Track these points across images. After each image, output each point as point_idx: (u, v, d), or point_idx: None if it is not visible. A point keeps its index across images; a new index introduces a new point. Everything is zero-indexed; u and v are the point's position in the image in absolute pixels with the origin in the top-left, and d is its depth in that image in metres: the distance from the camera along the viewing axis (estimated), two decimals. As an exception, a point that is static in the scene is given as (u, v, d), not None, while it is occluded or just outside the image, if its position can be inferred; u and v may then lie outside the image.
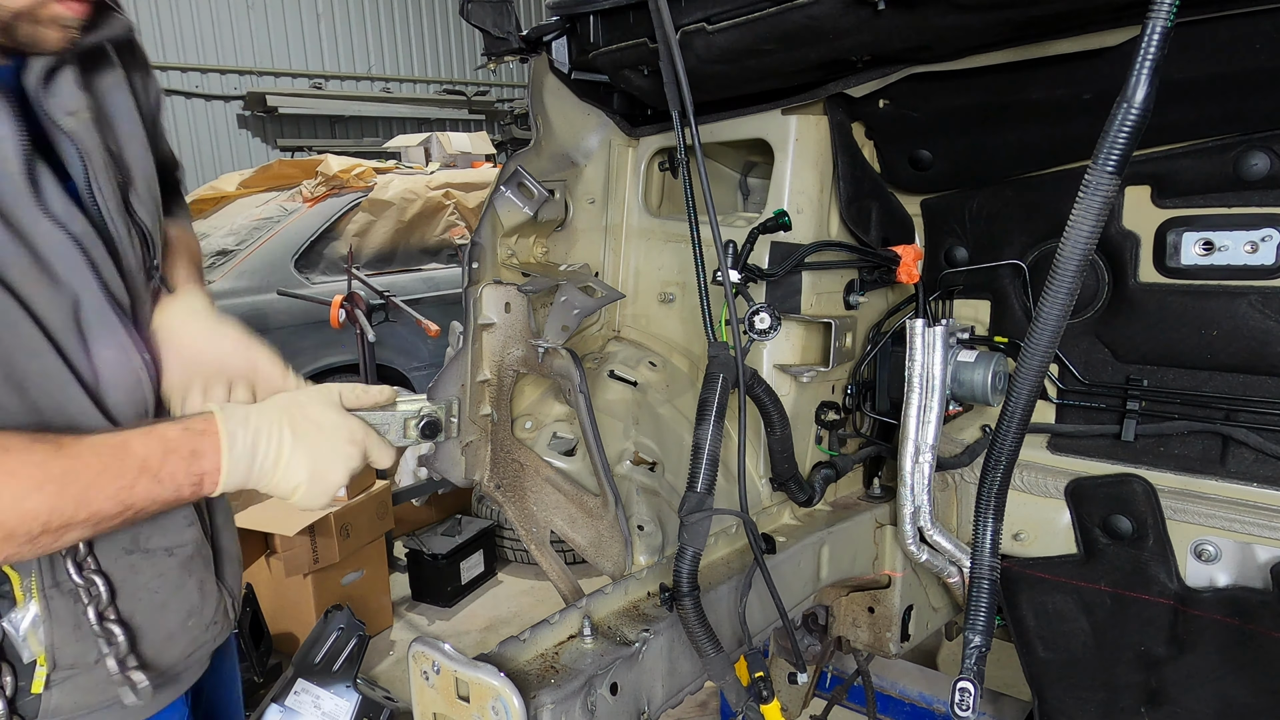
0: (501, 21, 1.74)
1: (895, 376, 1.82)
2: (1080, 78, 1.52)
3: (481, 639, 4.22)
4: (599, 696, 1.24)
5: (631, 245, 2.01)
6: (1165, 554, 1.64)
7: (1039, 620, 1.82)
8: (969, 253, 1.88)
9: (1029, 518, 1.80)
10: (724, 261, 1.44)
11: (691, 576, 1.35)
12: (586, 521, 1.64)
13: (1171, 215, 1.59)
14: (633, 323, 2.03)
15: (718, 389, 1.39)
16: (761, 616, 1.57)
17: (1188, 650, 1.65)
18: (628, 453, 1.71)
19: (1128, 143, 0.97)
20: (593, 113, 1.93)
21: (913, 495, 1.72)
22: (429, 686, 1.20)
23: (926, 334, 1.65)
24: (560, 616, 1.33)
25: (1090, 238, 1.02)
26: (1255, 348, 1.52)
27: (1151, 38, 0.93)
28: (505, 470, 1.79)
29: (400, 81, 13.58)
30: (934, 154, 1.83)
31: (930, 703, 2.29)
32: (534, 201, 1.79)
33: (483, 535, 4.70)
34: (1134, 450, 1.67)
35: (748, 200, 2.16)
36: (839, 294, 1.84)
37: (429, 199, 5.91)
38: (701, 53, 1.51)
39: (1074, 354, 1.73)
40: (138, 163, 1.21)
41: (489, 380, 1.77)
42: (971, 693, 1.27)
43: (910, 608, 1.96)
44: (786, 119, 1.75)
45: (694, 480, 1.37)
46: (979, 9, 1.32)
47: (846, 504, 1.96)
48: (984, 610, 1.31)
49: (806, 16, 1.37)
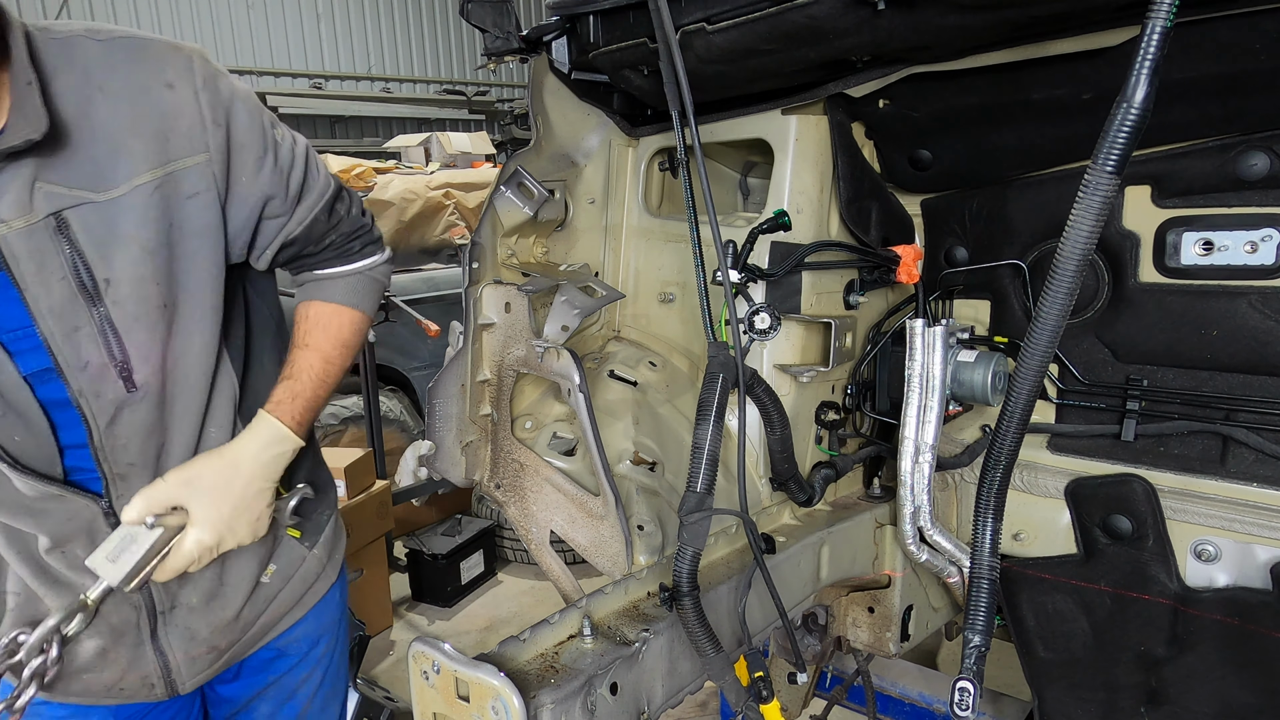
0: (501, 21, 1.74)
1: (895, 376, 1.82)
2: (1080, 78, 1.52)
3: (481, 639, 4.22)
4: (599, 696, 1.24)
5: (631, 245, 2.01)
6: (1165, 554, 1.64)
7: (1039, 620, 1.82)
8: (969, 253, 1.88)
9: (1029, 518, 1.80)
10: (724, 261, 1.44)
11: (691, 576, 1.35)
12: (586, 521, 1.64)
13: (1171, 215, 1.59)
14: (633, 323, 2.03)
15: (717, 389, 1.39)
16: (761, 616, 1.57)
17: (1188, 650, 1.65)
18: (628, 453, 1.71)
19: (1128, 143, 0.97)
20: (593, 113, 1.93)
21: (913, 495, 1.72)
22: (429, 686, 1.20)
23: (926, 334, 1.65)
24: (560, 616, 1.33)
25: (1090, 238, 1.03)
26: (1255, 348, 1.52)
27: (1151, 38, 0.93)
28: (505, 470, 1.79)
29: (400, 81, 13.58)
30: (934, 154, 1.83)
31: (930, 703, 2.29)
32: (534, 201, 1.79)
33: (483, 535, 4.70)
34: (1134, 450, 1.67)
35: (748, 200, 2.16)
36: (839, 294, 1.84)
37: (429, 199, 5.91)
38: (701, 53, 1.51)
39: (1074, 354, 1.73)
40: (130, 267, 1.22)
41: (489, 380, 1.77)
42: (971, 692, 1.27)
43: (910, 608, 1.96)
44: (786, 119, 1.75)
45: (694, 480, 1.37)
46: (979, 9, 1.32)
47: (846, 504, 1.96)
48: (984, 610, 1.31)
49: (806, 16, 1.37)
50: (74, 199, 1.18)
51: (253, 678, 1.61)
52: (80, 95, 1.18)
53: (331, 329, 1.50)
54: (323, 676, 1.70)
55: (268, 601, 1.54)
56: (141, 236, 1.22)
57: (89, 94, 1.19)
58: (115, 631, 1.39)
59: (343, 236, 1.50)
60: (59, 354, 1.21)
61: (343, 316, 1.52)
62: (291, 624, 1.60)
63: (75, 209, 1.18)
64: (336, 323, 1.51)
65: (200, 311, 1.32)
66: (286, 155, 1.38)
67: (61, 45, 1.19)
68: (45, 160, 1.16)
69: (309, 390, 1.44)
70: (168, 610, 1.42)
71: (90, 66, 1.20)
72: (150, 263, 1.24)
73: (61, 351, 1.21)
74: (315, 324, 1.50)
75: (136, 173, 1.21)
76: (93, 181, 1.19)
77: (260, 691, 1.63)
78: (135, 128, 1.21)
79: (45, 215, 1.16)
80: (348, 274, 1.53)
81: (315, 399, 1.45)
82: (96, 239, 1.20)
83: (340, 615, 1.73)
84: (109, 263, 1.21)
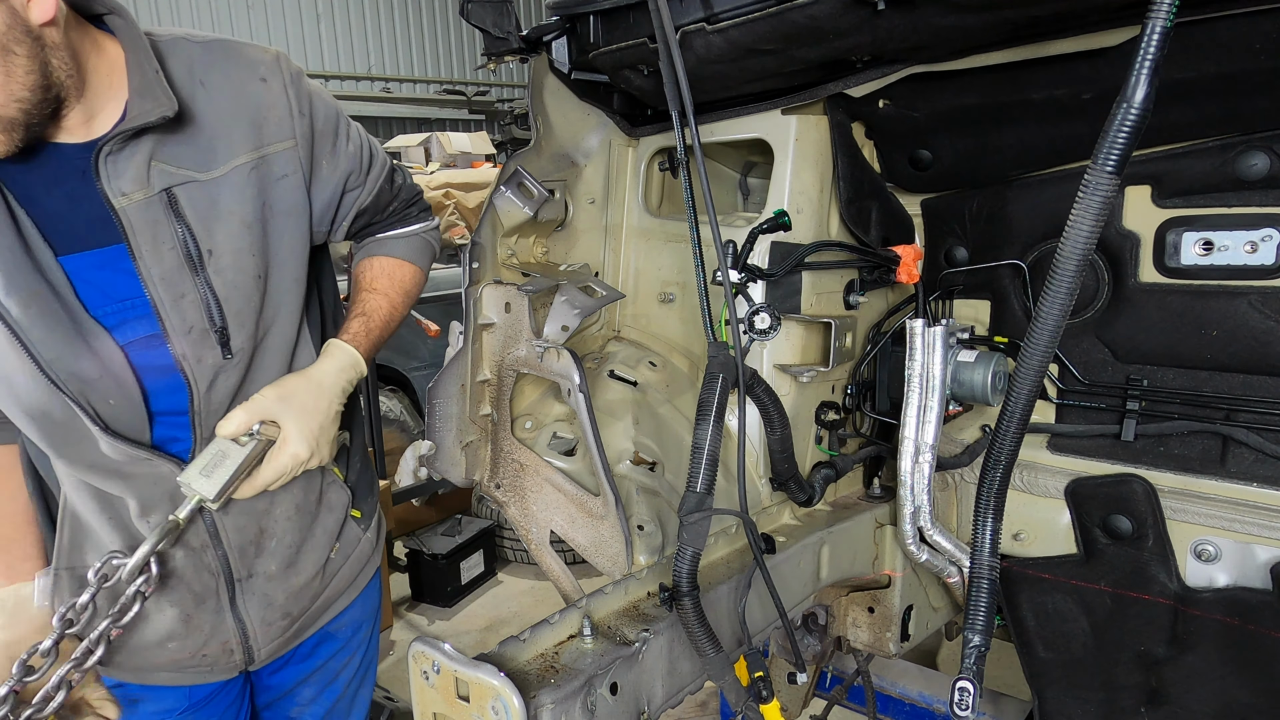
0: (501, 21, 1.74)
1: (895, 376, 1.83)
2: (1080, 78, 1.52)
3: (481, 639, 4.22)
4: (599, 696, 1.24)
5: (631, 245, 2.02)
6: (1165, 554, 1.64)
7: (1039, 620, 1.82)
8: (969, 253, 1.88)
9: (1029, 518, 1.80)
10: (724, 261, 1.44)
11: (691, 576, 1.35)
12: (586, 521, 1.64)
13: (1171, 215, 1.59)
14: (633, 323, 2.03)
15: (717, 389, 1.39)
16: (761, 616, 1.57)
17: (1188, 650, 1.65)
18: (628, 453, 1.71)
19: (1127, 143, 0.97)
20: (593, 113, 1.93)
21: (913, 495, 1.72)
22: (429, 686, 1.20)
23: (926, 334, 1.65)
24: (560, 616, 1.33)
25: (1090, 238, 1.03)
26: (1255, 348, 1.52)
27: (1151, 38, 0.93)
28: (505, 470, 1.79)
29: (400, 81, 13.59)
30: (934, 154, 1.83)
31: (930, 703, 2.29)
32: (534, 201, 1.79)
33: (483, 535, 4.70)
34: (1134, 450, 1.67)
35: (748, 200, 2.16)
36: (839, 294, 1.84)
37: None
38: (701, 53, 1.51)
39: (1074, 354, 1.73)
40: (229, 239, 1.35)
41: (489, 380, 1.77)
42: (971, 692, 1.27)
43: (910, 608, 1.96)
44: (786, 119, 1.75)
45: (694, 480, 1.37)
46: (979, 9, 1.32)
47: (846, 504, 1.96)
48: (983, 610, 1.31)
49: (806, 16, 1.37)
50: (183, 177, 1.31)
51: (300, 664, 1.69)
52: (185, 88, 1.32)
53: (397, 277, 1.67)
54: (361, 659, 1.79)
55: (332, 575, 1.64)
56: (240, 212, 1.35)
57: (192, 88, 1.33)
58: (198, 598, 1.46)
59: (402, 203, 1.69)
60: (166, 320, 1.31)
61: (405, 269, 1.69)
62: (344, 607, 1.70)
63: (183, 186, 1.31)
64: (400, 273, 1.68)
65: (288, 284, 1.45)
66: (356, 137, 1.56)
67: (166, 45, 1.34)
68: (160, 142, 1.29)
69: (377, 328, 1.59)
70: (244, 579, 1.49)
71: (192, 63, 1.35)
72: (247, 236, 1.36)
73: (169, 317, 1.31)
74: (382, 272, 1.66)
75: (235, 155, 1.35)
76: (198, 163, 1.32)
77: (306, 677, 1.70)
78: (234, 116, 1.36)
79: (159, 190, 1.29)
80: (408, 234, 1.71)
81: (380, 337, 1.61)
82: (201, 214, 1.32)
83: (379, 601, 1.83)
84: (211, 235, 1.33)
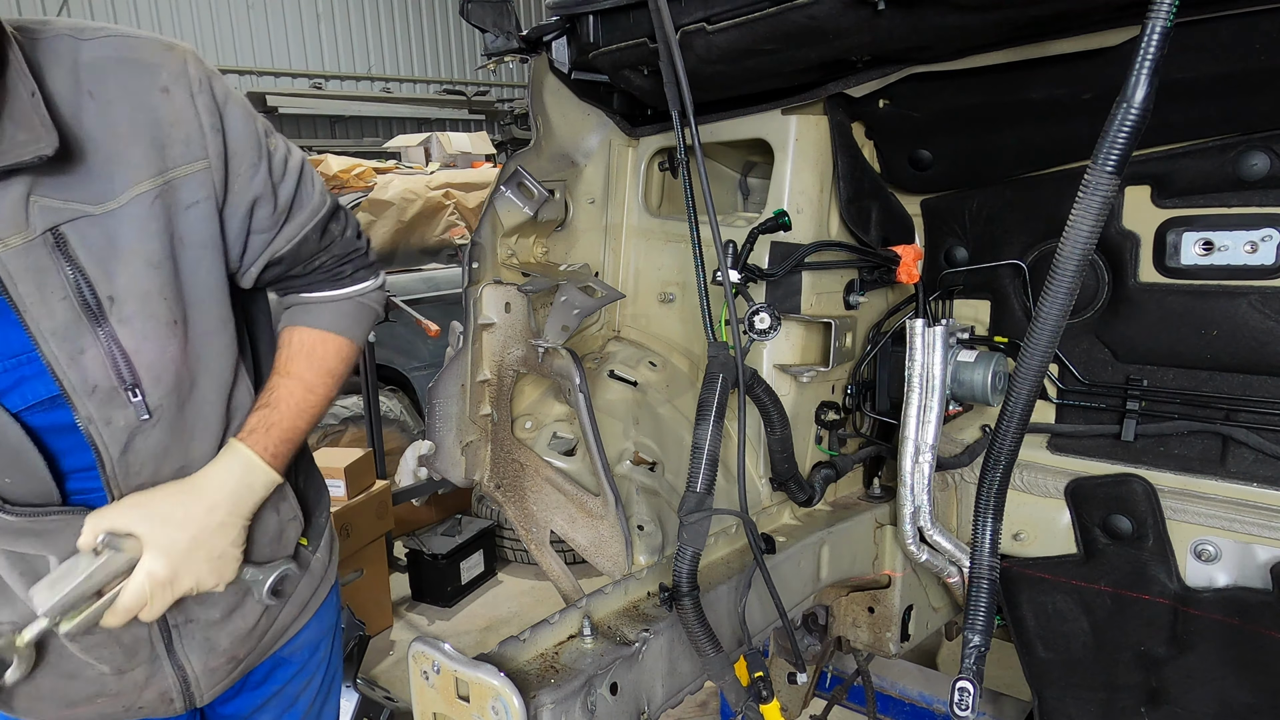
0: (501, 21, 1.74)
1: (895, 376, 1.83)
2: (1080, 78, 1.52)
3: (481, 639, 4.22)
4: (599, 696, 1.24)
5: (631, 245, 2.01)
6: (1165, 554, 1.64)
7: (1039, 620, 1.82)
8: (969, 253, 1.88)
9: (1029, 518, 1.80)
10: (724, 261, 1.44)
11: (691, 576, 1.35)
12: (586, 521, 1.64)
13: (1171, 215, 1.59)
14: (633, 323, 2.03)
15: (717, 389, 1.39)
16: (761, 616, 1.57)
17: (1188, 650, 1.65)
18: (628, 453, 1.71)
19: (1127, 143, 0.97)
20: (593, 113, 1.93)
21: (913, 495, 1.72)
22: (429, 686, 1.20)
23: (926, 334, 1.65)
24: (560, 616, 1.33)
25: (1090, 238, 1.02)
26: (1255, 348, 1.52)
27: (1151, 38, 0.93)
28: (505, 470, 1.79)
29: (400, 81, 13.58)
30: (934, 154, 1.83)
31: (930, 703, 2.29)
32: (534, 201, 1.79)
33: (483, 535, 4.70)
34: (1134, 450, 1.67)
35: (748, 200, 2.16)
36: (839, 294, 1.84)
37: (429, 199, 5.92)
38: (701, 53, 1.51)
39: (1074, 354, 1.73)
40: (134, 282, 1.15)
41: (489, 380, 1.77)
42: (971, 692, 1.27)
43: (910, 608, 1.96)
44: (786, 119, 1.75)
45: (694, 480, 1.37)
46: (979, 9, 1.32)
47: (846, 504, 1.96)
48: (983, 610, 1.31)
49: (806, 16, 1.37)
50: (71, 212, 1.10)
51: (254, 692, 1.57)
52: (69, 102, 1.10)
53: (316, 356, 1.41)
54: (322, 680, 1.68)
55: (281, 607, 1.50)
56: (144, 250, 1.15)
57: (78, 100, 1.11)
58: (128, 651, 1.32)
59: (334, 259, 1.42)
60: (64, 379, 1.14)
61: (329, 344, 1.42)
62: (298, 630, 1.57)
63: (72, 223, 1.10)
64: (322, 350, 1.41)
65: (211, 328, 1.26)
66: (279, 166, 1.31)
67: (47, 46, 1.11)
68: (39, 173, 1.08)
69: (286, 420, 1.34)
70: (182, 624, 1.35)
71: (78, 70, 1.12)
72: (155, 277, 1.16)
73: (67, 376, 1.13)
74: (299, 350, 1.40)
75: (134, 182, 1.13)
76: (89, 193, 1.11)
77: (262, 704, 1.59)
78: (131, 135, 1.13)
79: (42, 231, 1.08)
80: (337, 299, 1.44)
81: (294, 430, 1.36)
82: (97, 254, 1.12)
83: (337, 618, 1.71)
84: (111, 279, 1.13)
